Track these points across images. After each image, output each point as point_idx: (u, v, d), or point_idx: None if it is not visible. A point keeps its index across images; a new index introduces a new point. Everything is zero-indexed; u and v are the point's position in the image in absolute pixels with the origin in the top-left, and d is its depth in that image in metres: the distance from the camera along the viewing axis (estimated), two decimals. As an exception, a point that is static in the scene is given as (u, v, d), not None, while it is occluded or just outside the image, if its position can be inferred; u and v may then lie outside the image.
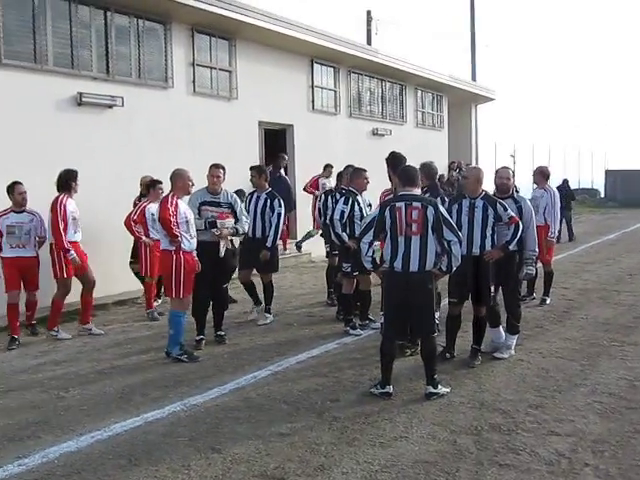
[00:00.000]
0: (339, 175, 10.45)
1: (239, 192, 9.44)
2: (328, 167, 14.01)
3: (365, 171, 8.54)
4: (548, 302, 9.98)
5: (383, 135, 18.46)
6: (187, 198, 7.74)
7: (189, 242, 7.23)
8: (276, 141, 15.16)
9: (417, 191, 5.99)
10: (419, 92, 20.74)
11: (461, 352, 7.17)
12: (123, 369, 7.10)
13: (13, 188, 8.31)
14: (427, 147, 20.41)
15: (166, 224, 7.06)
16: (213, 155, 12.37)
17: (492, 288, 6.84)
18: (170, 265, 7.16)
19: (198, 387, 6.39)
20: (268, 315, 9.26)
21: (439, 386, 5.96)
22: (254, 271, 9.32)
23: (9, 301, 8.23)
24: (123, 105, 10.88)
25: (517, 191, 12.34)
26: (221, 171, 7.91)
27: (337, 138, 16.46)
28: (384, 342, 6.00)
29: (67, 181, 8.44)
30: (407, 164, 6.45)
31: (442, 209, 5.92)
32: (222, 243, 7.86)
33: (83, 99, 10.31)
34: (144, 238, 9.38)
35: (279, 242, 14.57)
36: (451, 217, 6.80)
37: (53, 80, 10.03)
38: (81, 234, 8.63)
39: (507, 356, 7.16)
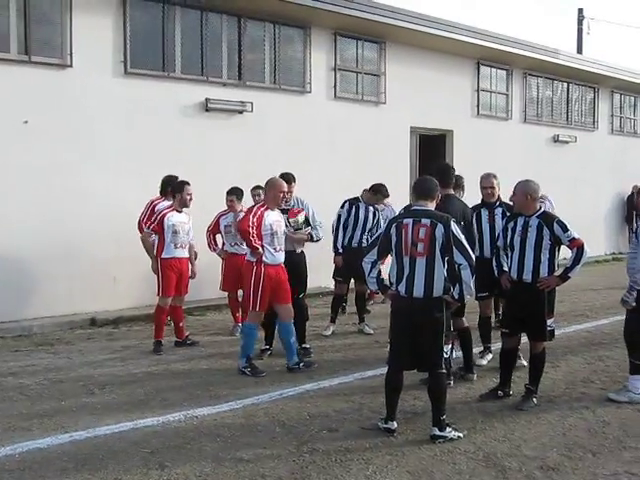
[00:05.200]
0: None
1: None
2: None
3: None
4: None
5: (567, 142, 16.96)
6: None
7: (272, 255, 6.95)
8: (433, 148, 14.52)
9: (431, 206, 5.31)
10: (616, 95, 18.74)
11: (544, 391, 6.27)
12: (172, 372, 7.19)
13: (182, 187, 8.03)
14: (624, 155, 18.49)
15: (244, 235, 6.89)
16: (355, 162, 12.23)
17: (549, 321, 5.90)
18: (250, 276, 6.95)
19: (218, 398, 6.26)
20: (366, 325, 9.27)
21: (448, 429, 5.23)
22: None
23: (163, 304, 8.07)
24: (252, 110, 11.05)
25: None
26: (291, 187, 7.77)
27: (507, 145, 15.39)
28: (389, 373, 5.40)
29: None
30: (424, 176, 5.71)
31: (455, 227, 5.15)
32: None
33: (210, 105, 10.64)
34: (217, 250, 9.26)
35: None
36: (506, 236, 6.07)
37: (180, 87, 10.45)
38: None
39: (622, 400, 6.11)
